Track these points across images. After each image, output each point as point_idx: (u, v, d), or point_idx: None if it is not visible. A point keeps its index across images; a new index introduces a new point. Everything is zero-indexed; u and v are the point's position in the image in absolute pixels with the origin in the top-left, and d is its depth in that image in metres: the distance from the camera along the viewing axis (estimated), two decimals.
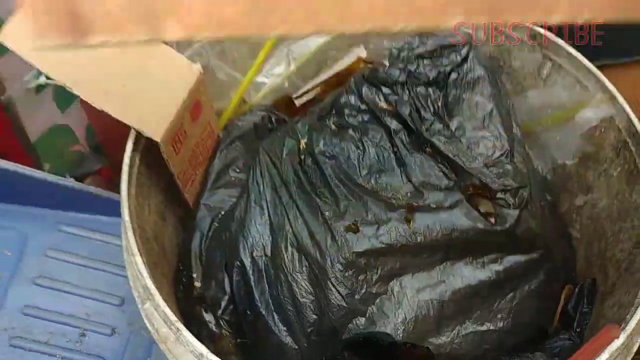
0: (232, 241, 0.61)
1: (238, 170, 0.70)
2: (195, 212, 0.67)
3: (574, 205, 0.76)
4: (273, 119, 0.76)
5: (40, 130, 1.07)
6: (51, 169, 1.13)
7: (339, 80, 0.80)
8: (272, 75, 0.75)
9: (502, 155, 0.60)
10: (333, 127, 0.63)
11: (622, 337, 0.51)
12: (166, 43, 0.67)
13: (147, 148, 0.63)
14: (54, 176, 0.82)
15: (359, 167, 0.59)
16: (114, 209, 0.77)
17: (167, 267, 0.64)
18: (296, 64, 0.75)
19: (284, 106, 0.81)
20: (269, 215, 0.60)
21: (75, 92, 0.57)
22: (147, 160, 0.64)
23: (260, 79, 0.76)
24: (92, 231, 0.80)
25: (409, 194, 0.57)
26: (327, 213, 0.57)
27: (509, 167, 0.58)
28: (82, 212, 0.81)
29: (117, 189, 0.68)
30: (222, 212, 0.66)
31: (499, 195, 0.57)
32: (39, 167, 1.08)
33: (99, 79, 0.59)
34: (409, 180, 0.57)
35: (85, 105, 1.00)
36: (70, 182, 0.81)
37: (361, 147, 0.60)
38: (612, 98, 0.69)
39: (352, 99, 0.65)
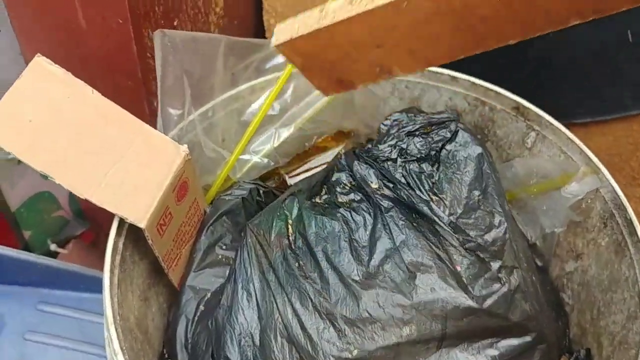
0: (219, 329, 0.59)
1: (225, 247, 0.69)
2: (181, 295, 0.65)
3: (564, 271, 0.76)
4: (261, 192, 0.76)
5: (21, 199, 1.06)
6: (32, 235, 1.11)
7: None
8: (256, 153, 0.75)
9: (498, 232, 0.59)
10: (325, 205, 0.62)
11: None
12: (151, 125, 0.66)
13: (131, 229, 0.62)
14: (32, 254, 0.79)
15: (351, 251, 0.58)
16: (95, 286, 0.75)
17: (152, 354, 0.62)
18: (279, 141, 0.75)
19: (269, 181, 0.81)
20: (257, 302, 0.58)
21: (58, 181, 0.56)
22: (131, 241, 0.63)
23: (245, 156, 0.75)
24: (74, 309, 0.77)
25: (401, 278, 0.56)
26: (317, 301, 0.56)
27: (503, 246, 0.58)
28: (62, 289, 0.79)
29: (98, 254, 0.65)
30: (209, 294, 0.65)
31: (492, 275, 0.56)
32: (20, 235, 1.06)
33: (81, 166, 0.58)
34: (403, 262, 0.56)
35: None
36: (49, 260, 0.79)
37: (353, 228, 0.59)
38: (596, 170, 0.69)
39: (344, 177, 0.64)
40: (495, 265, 0.56)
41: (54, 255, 1.18)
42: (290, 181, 0.79)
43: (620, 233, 0.66)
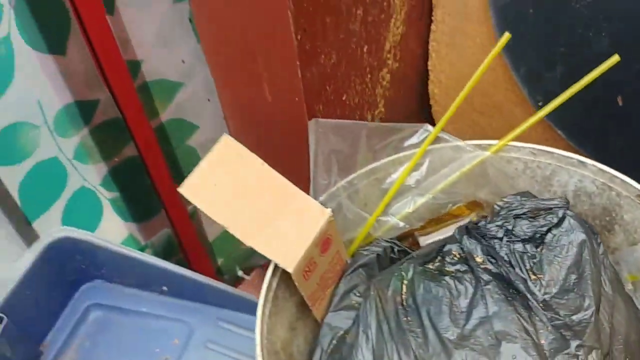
0: None
1: (358, 295, 0.83)
2: (320, 329, 0.80)
3: None
4: (395, 250, 0.89)
5: (217, 232, 1.30)
6: (224, 262, 1.36)
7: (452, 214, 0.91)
8: (394, 216, 0.88)
9: (585, 315, 0.65)
10: (435, 272, 0.74)
11: None
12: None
13: (284, 273, 0.79)
14: (213, 280, 0.99)
15: (450, 314, 0.69)
16: None
17: None
18: (414, 207, 0.88)
19: (406, 240, 0.93)
20: (373, 345, 0.71)
21: (231, 231, 0.75)
22: (284, 282, 0.80)
23: (385, 218, 0.89)
24: (245, 329, 0.96)
25: (489, 343, 0.65)
26: (417, 352, 0.67)
27: (586, 327, 0.64)
28: (237, 311, 0.98)
29: None
30: (341, 332, 0.79)
31: (570, 351, 0.63)
32: (214, 261, 1.31)
33: (248, 220, 0.77)
34: (492, 329, 0.65)
35: None
36: (226, 286, 0.99)
37: (455, 295, 0.70)
38: None
39: (454, 248, 0.75)
40: (574, 343, 0.63)
41: (240, 279, 1.42)
42: (423, 242, 0.90)
43: None
